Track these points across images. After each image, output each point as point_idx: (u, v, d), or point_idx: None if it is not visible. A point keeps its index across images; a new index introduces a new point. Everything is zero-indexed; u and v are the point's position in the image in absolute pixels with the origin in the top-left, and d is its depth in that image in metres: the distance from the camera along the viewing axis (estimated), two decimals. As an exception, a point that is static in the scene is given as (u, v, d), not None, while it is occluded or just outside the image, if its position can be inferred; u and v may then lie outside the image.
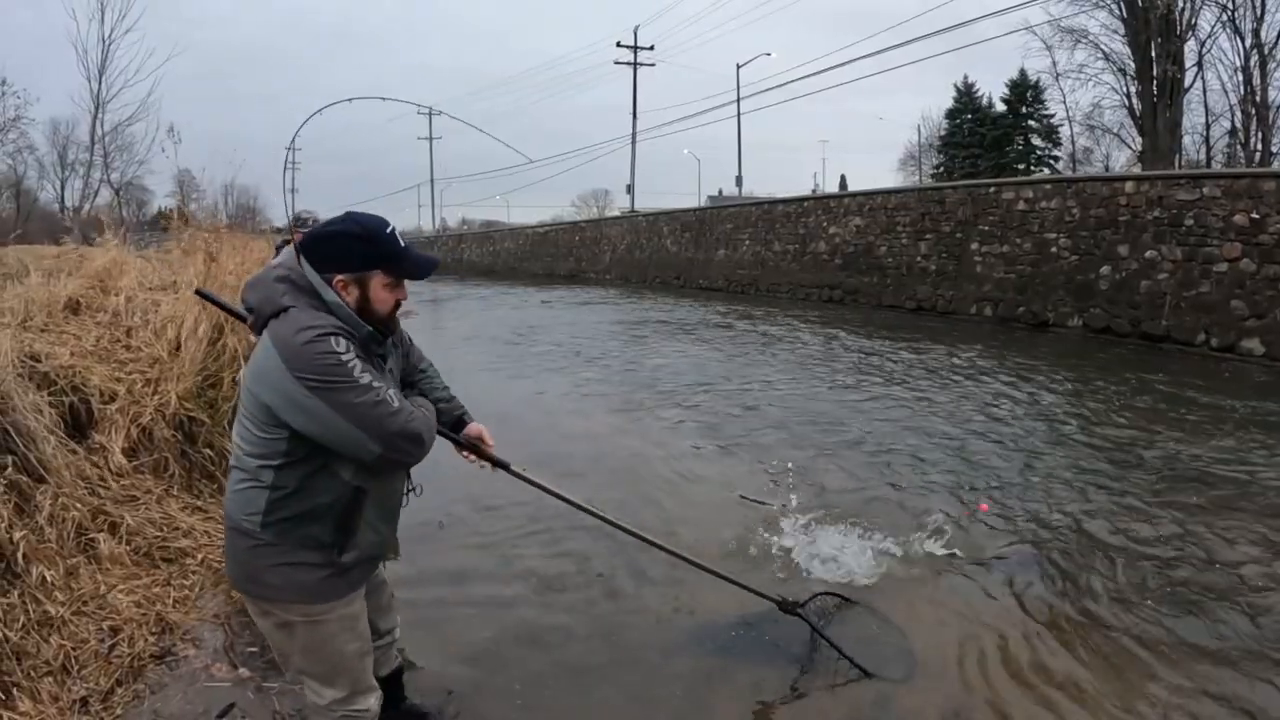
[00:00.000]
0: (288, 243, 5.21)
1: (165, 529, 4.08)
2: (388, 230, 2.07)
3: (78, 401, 4.80)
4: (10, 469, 3.66)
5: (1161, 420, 7.27)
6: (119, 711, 2.87)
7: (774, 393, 8.75)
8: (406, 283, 2.14)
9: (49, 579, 3.33)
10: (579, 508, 2.84)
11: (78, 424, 4.81)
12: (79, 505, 3.85)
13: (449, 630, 3.62)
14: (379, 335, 2.12)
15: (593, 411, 8.11)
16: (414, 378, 2.47)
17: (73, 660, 3.07)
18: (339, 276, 2.03)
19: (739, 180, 39.56)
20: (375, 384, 1.97)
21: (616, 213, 45.67)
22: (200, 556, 3.91)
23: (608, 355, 11.82)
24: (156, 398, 4.85)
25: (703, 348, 12.36)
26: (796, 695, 3.13)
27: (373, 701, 2.31)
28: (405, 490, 2.32)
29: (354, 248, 2.04)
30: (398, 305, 2.13)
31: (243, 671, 3.06)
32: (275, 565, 2.07)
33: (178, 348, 5.37)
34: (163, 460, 4.65)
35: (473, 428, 2.49)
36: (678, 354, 11.76)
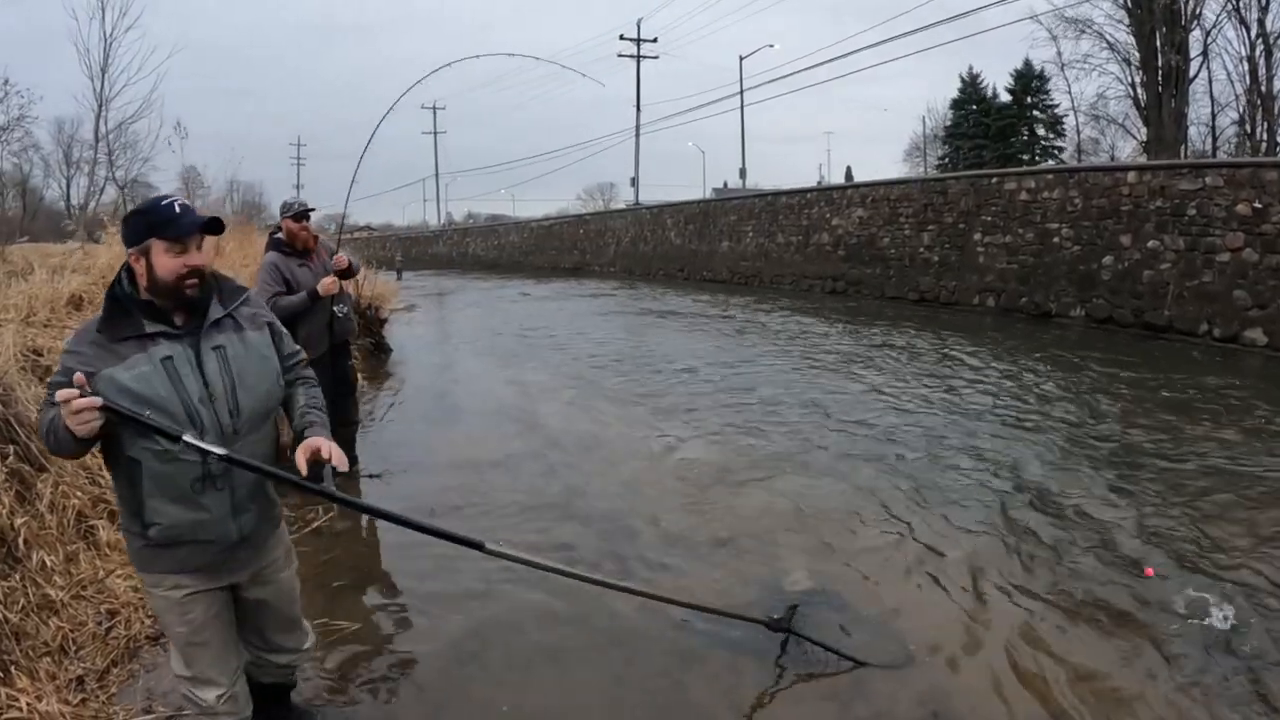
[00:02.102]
0: (279, 229, 5.30)
1: (164, 517, 4.15)
2: (162, 202, 2.21)
3: (79, 394, 4.89)
4: (12, 458, 3.75)
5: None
6: (114, 690, 2.97)
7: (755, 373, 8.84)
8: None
9: (49, 564, 3.42)
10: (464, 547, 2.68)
11: (79, 415, 4.90)
12: (79, 493, 3.96)
13: (434, 612, 3.75)
14: (162, 305, 2.19)
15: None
16: (287, 376, 2.46)
17: (71, 641, 3.16)
18: (130, 252, 2.18)
19: (743, 172, 39.61)
20: (54, 383, 2.10)
21: (621, 205, 45.73)
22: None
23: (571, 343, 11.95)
24: (156, 389, 4.91)
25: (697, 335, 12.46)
26: (775, 676, 3.20)
27: (211, 697, 2.38)
28: (203, 475, 2.19)
29: (134, 223, 2.20)
30: (191, 273, 2.18)
31: (235, 652, 3.14)
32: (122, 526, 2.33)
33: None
34: (163, 450, 4.72)
35: (308, 443, 2.30)
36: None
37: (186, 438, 2.10)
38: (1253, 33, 26.93)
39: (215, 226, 2.23)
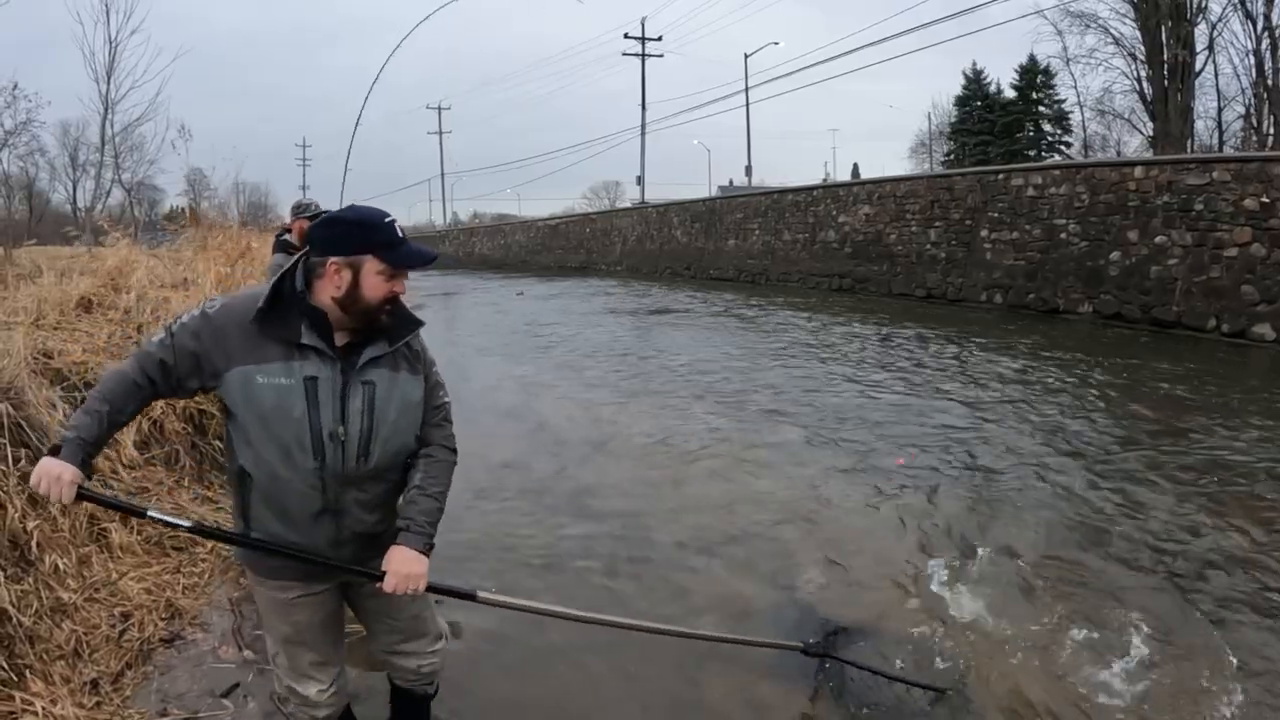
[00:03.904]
0: (288, 230, 5.31)
1: (176, 519, 4.16)
2: (385, 220, 2.06)
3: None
4: (24, 461, 3.75)
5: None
6: (128, 693, 2.96)
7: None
8: (411, 277, 2.14)
9: (61, 567, 3.43)
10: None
11: (91, 418, 4.92)
12: (91, 496, 3.95)
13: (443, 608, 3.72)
14: (339, 320, 2.05)
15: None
16: (418, 431, 2.22)
17: (84, 644, 3.16)
18: (332, 259, 2.01)
19: (748, 170, 39.62)
20: (150, 346, 2.06)
21: (628, 204, 45.71)
22: (210, 545, 3.99)
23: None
24: (166, 392, 4.93)
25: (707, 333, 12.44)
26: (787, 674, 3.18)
27: (313, 691, 2.32)
28: (320, 508, 2.08)
29: (349, 232, 2.04)
30: (391, 299, 2.06)
31: (248, 654, 3.16)
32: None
33: (187, 343, 5.44)
34: (174, 452, 4.75)
35: (394, 554, 2.10)
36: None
37: (151, 513, 2.10)
38: (1259, 26, 26.86)
39: (429, 262, 2.15)
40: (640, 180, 40.82)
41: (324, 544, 2.12)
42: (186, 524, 2.14)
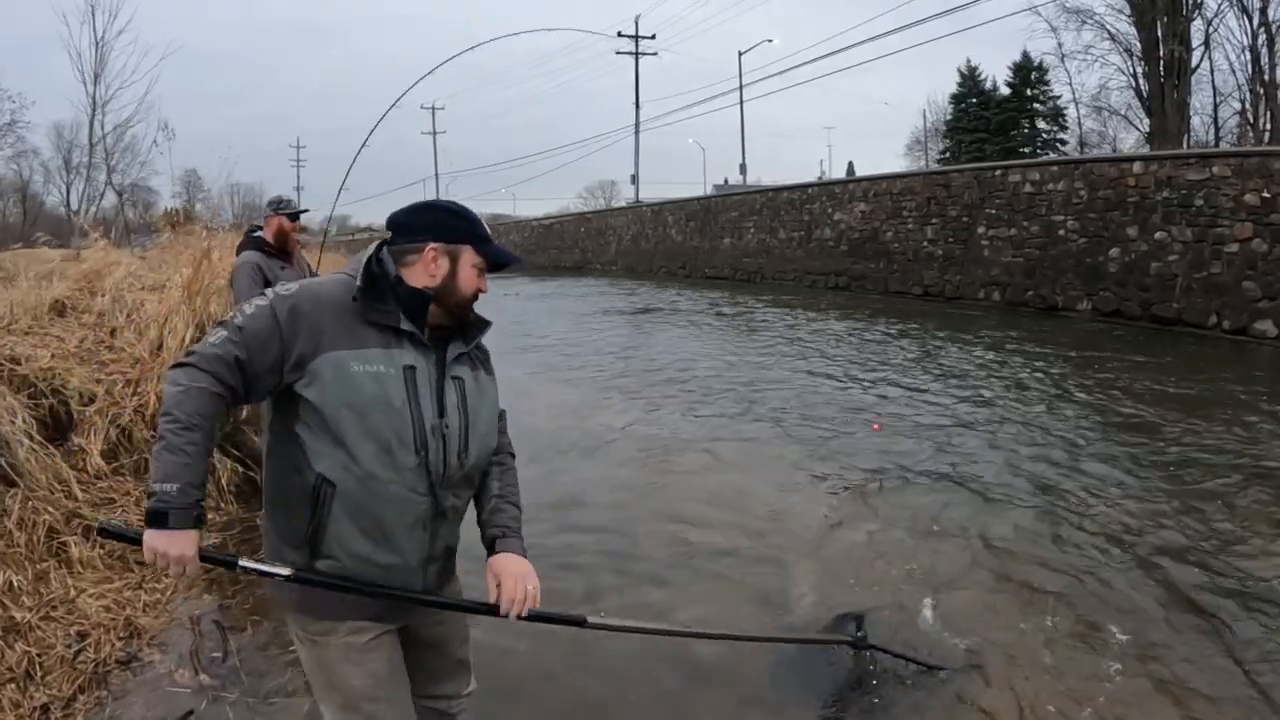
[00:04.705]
0: (258, 229, 5.08)
1: (142, 531, 3.99)
2: (476, 216, 1.97)
3: (57, 404, 4.74)
4: (-21, 471, 3.59)
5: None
6: (79, 719, 2.80)
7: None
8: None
9: (15, 584, 3.26)
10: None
11: (58, 426, 4.74)
12: (51, 509, 3.78)
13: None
14: (443, 316, 1.91)
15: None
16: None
17: (37, 666, 3.00)
18: (432, 245, 1.87)
19: (743, 168, 39.45)
20: (238, 318, 1.75)
21: (623, 203, 45.57)
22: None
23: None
24: (136, 398, 4.78)
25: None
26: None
27: None
28: (427, 516, 1.88)
29: (449, 221, 1.92)
30: (475, 296, 1.94)
31: (204, 679, 2.97)
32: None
33: (160, 347, 5.29)
34: (143, 462, 4.57)
35: (501, 561, 1.93)
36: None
37: (243, 564, 1.76)
38: (1255, 21, 26.73)
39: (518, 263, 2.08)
40: (635, 179, 40.69)
41: (416, 562, 1.90)
42: (284, 573, 1.78)
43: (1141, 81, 28.98)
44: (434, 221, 1.91)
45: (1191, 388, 7.81)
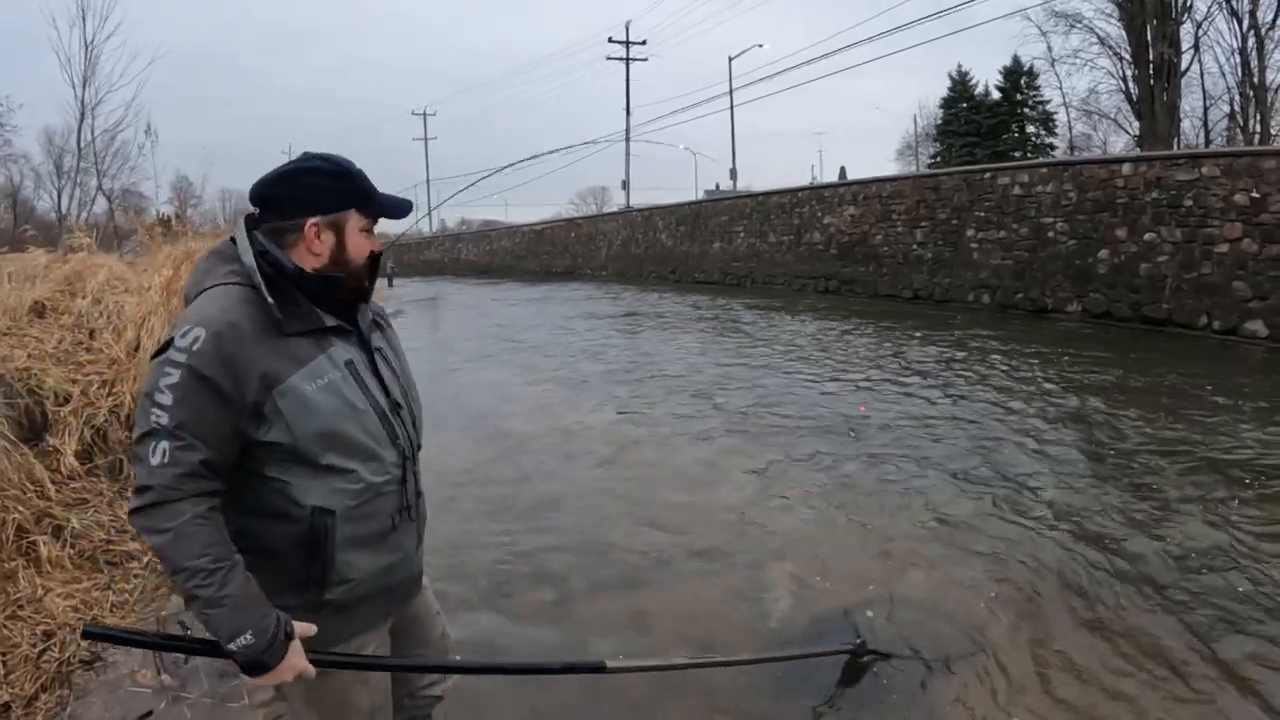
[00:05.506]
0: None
1: (113, 532, 3.95)
2: (357, 169, 1.74)
3: (32, 404, 4.68)
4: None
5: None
6: (39, 718, 2.75)
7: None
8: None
9: (-19, 584, 3.20)
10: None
11: (33, 426, 4.68)
12: (20, 508, 3.72)
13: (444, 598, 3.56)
14: (349, 294, 1.74)
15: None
16: None
17: (1, 665, 2.94)
18: (312, 220, 1.66)
19: (733, 173, 39.39)
20: (161, 416, 1.50)
21: (614, 209, 45.56)
22: (146, 560, 3.77)
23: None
24: (111, 399, 4.72)
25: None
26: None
27: None
28: (411, 497, 1.81)
29: (325, 185, 1.69)
30: (374, 260, 1.75)
31: (165, 679, 2.93)
32: None
33: (137, 348, 5.23)
34: (117, 462, 4.52)
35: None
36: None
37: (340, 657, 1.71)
38: (1244, 25, 26.86)
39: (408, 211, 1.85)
40: (626, 185, 40.67)
41: (412, 549, 1.83)
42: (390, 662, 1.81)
43: (1131, 85, 29.11)
44: (309, 190, 1.68)
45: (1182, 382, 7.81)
